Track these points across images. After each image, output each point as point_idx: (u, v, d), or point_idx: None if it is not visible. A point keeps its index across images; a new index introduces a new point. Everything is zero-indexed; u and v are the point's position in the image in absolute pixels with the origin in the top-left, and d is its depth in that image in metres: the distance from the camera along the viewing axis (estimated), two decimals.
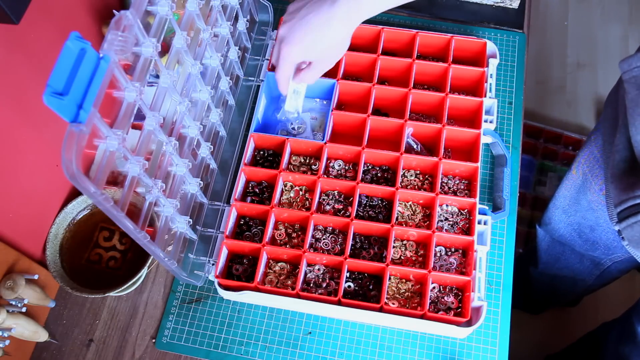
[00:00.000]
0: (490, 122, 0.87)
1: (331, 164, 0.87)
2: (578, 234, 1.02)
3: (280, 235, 0.83)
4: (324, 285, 0.79)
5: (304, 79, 0.78)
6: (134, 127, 0.61)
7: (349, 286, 0.80)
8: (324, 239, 0.82)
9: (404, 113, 0.85)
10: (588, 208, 0.94)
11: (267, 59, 0.92)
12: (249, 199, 0.85)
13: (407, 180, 0.86)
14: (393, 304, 0.78)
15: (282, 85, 0.78)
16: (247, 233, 0.84)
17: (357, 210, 0.82)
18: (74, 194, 0.88)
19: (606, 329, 1.16)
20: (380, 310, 0.75)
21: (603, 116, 0.86)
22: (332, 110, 0.86)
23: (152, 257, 0.79)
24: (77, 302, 0.85)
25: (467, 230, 0.82)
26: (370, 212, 0.84)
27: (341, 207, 0.84)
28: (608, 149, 0.79)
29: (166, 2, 0.61)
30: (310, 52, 0.73)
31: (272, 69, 0.91)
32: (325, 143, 0.84)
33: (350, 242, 0.78)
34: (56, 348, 0.82)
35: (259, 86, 0.93)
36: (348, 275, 0.80)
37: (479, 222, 0.80)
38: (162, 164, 0.67)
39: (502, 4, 1.02)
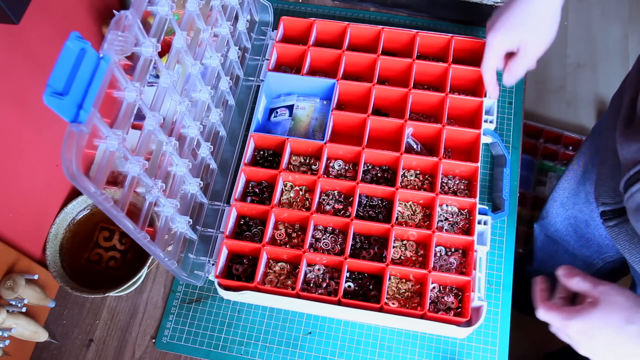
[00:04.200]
0: (490, 122, 0.87)
1: (331, 164, 0.87)
2: (574, 229, 1.02)
3: (280, 235, 0.83)
4: (324, 285, 0.79)
5: (513, 71, 0.72)
6: (134, 127, 0.61)
7: (349, 286, 0.80)
8: (324, 239, 0.82)
9: (404, 113, 0.85)
10: (585, 201, 0.94)
11: (267, 59, 0.92)
12: (249, 199, 0.85)
13: (407, 180, 0.86)
14: (393, 304, 0.78)
15: (486, 76, 0.73)
16: (247, 233, 0.83)
17: (357, 210, 0.82)
18: (74, 194, 0.88)
19: None
20: (380, 310, 0.75)
21: (606, 112, 0.86)
22: (332, 110, 0.86)
23: (152, 257, 0.79)
24: (77, 302, 0.85)
25: (467, 230, 0.82)
26: (370, 212, 0.84)
27: (341, 207, 0.84)
28: (608, 136, 0.78)
29: (166, 2, 0.61)
30: (514, 35, 0.68)
31: (272, 69, 0.91)
32: (325, 143, 0.84)
33: (350, 242, 0.78)
34: (56, 348, 0.82)
35: (259, 86, 0.93)
36: (348, 275, 0.80)
37: (479, 222, 0.80)
38: (162, 164, 0.67)
39: (502, 4, 1.01)
